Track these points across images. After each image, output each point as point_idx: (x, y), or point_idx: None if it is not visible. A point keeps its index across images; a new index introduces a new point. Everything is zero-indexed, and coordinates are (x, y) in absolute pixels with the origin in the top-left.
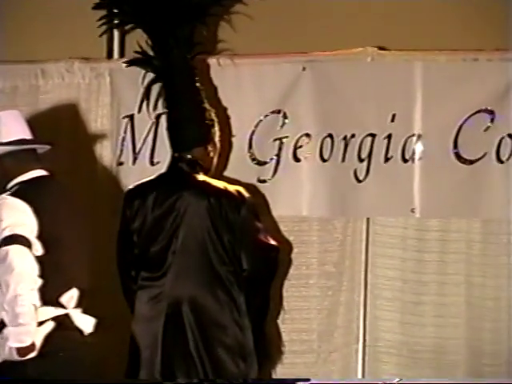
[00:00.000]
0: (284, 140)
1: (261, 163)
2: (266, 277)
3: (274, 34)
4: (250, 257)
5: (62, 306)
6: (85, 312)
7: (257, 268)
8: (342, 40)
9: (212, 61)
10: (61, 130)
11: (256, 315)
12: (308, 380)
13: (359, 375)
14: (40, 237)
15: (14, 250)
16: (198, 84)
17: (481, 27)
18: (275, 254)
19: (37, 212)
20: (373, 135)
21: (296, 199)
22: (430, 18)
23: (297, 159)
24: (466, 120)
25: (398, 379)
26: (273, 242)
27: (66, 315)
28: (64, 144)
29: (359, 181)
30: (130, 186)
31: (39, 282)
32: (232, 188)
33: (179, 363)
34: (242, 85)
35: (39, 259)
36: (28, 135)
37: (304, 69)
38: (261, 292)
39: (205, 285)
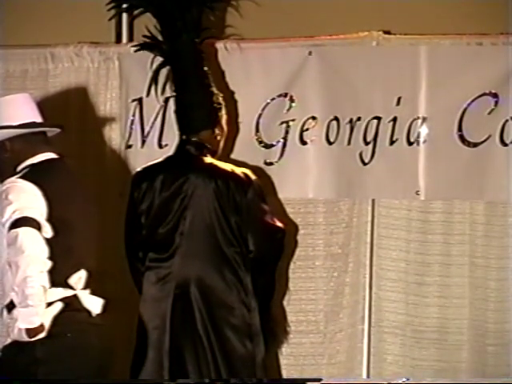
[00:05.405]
0: (290, 123)
1: (267, 146)
2: (272, 258)
3: (279, 18)
4: (257, 238)
5: (71, 287)
6: (93, 293)
7: (263, 249)
8: (348, 24)
9: (219, 45)
10: (70, 113)
11: (262, 296)
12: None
13: (364, 355)
14: (49, 219)
15: (24, 232)
16: (205, 68)
17: (485, 11)
18: (281, 236)
19: (46, 194)
20: (378, 118)
21: (302, 181)
22: (434, 3)
23: (303, 142)
24: (470, 103)
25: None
26: (279, 224)
27: (75, 296)
28: (73, 127)
29: (365, 163)
30: (138, 169)
31: (49, 264)
32: (239, 170)
33: (187, 344)
34: (249, 69)
35: (49, 241)
36: (38, 118)
37: (310, 53)
38: (267, 273)
39: (212, 265)
